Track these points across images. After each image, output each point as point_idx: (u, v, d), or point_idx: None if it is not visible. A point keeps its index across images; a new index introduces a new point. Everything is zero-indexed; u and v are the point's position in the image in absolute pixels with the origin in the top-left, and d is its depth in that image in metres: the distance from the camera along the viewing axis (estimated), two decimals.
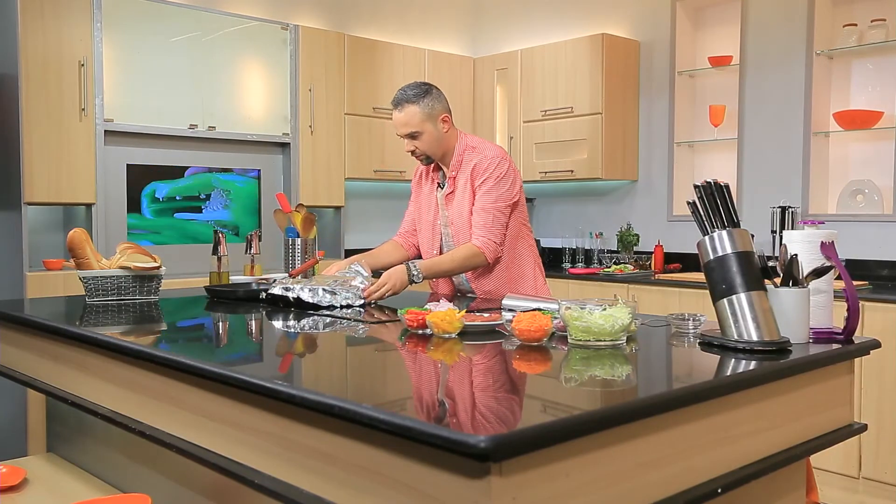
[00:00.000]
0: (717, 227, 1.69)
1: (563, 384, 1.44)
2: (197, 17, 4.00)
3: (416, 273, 2.50)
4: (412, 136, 2.60)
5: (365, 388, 1.48)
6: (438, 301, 2.05)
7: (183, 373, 1.60)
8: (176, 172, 4.01)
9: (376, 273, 2.62)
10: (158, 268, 2.61)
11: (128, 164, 3.85)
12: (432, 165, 2.72)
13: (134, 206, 3.88)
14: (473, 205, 2.59)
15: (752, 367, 1.49)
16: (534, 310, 1.82)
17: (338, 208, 4.61)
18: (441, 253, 2.71)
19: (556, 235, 5.01)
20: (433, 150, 2.63)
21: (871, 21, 3.79)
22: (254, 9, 4.45)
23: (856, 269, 3.77)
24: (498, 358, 1.68)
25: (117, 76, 3.75)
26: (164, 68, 3.89)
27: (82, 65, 3.62)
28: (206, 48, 4.03)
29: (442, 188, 2.70)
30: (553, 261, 5.03)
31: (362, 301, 2.38)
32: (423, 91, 2.62)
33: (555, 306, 1.89)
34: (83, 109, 3.64)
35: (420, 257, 2.84)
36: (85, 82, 3.63)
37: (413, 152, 2.64)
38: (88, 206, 3.71)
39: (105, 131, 3.72)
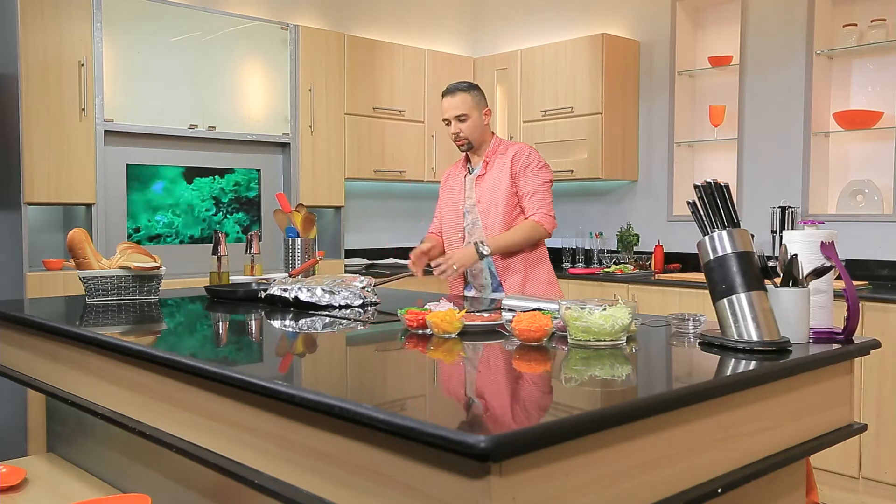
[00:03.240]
0: (717, 227, 1.69)
1: (563, 384, 1.44)
2: (197, 17, 4.00)
3: (483, 249, 2.81)
4: (460, 120, 2.91)
5: (365, 388, 1.48)
6: (438, 301, 2.05)
7: (183, 373, 1.60)
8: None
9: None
10: (158, 268, 2.61)
11: (128, 164, 3.85)
12: (462, 159, 3.05)
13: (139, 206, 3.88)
14: (516, 190, 2.88)
15: (752, 367, 1.49)
16: (534, 310, 1.82)
17: (338, 208, 4.61)
18: (464, 235, 2.97)
19: (556, 235, 5.00)
20: (474, 137, 2.94)
21: (871, 21, 3.79)
22: (254, 9, 4.45)
23: (856, 269, 3.77)
24: (498, 358, 1.68)
25: (117, 76, 3.75)
26: (164, 68, 3.89)
27: (82, 65, 3.62)
28: (206, 48, 4.03)
29: (471, 174, 3.00)
30: (553, 261, 5.02)
31: (361, 301, 2.38)
32: (473, 85, 2.99)
33: (555, 306, 1.89)
34: (83, 109, 3.64)
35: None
36: (85, 82, 3.63)
37: (457, 134, 2.94)
38: (88, 206, 3.71)
39: (105, 131, 3.72)
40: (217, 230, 3.00)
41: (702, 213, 1.72)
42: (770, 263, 1.72)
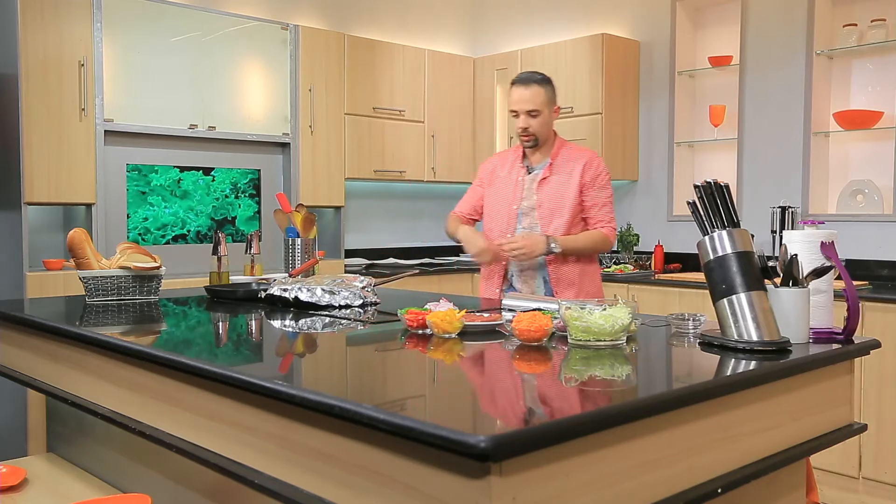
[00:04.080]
0: (717, 227, 1.69)
1: (563, 384, 1.44)
2: (197, 18, 4.00)
3: (554, 245, 2.69)
4: (531, 115, 2.74)
5: (365, 388, 1.48)
6: (442, 301, 2.05)
7: (183, 373, 1.60)
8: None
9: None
10: (158, 268, 2.61)
11: (128, 164, 3.85)
12: (513, 152, 2.89)
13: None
14: (582, 200, 2.76)
15: (752, 367, 1.49)
16: (534, 310, 1.83)
17: (338, 208, 4.61)
18: (514, 236, 2.79)
19: None
20: (542, 134, 2.77)
21: (871, 21, 3.79)
22: (254, 9, 4.45)
23: (856, 269, 3.77)
24: (498, 358, 1.68)
25: (117, 76, 3.75)
26: (164, 68, 3.89)
27: (82, 65, 3.62)
28: (206, 48, 4.03)
29: (531, 173, 2.82)
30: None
31: (361, 301, 2.38)
32: (548, 79, 2.79)
33: (554, 306, 1.90)
34: (83, 109, 3.64)
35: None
36: (85, 82, 3.63)
37: (525, 130, 2.75)
38: (88, 206, 3.71)
39: (105, 131, 3.72)
40: (217, 230, 3.00)
41: (702, 213, 1.72)
42: (770, 263, 1.72)
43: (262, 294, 2.50)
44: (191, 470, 1.86)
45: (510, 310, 2.03)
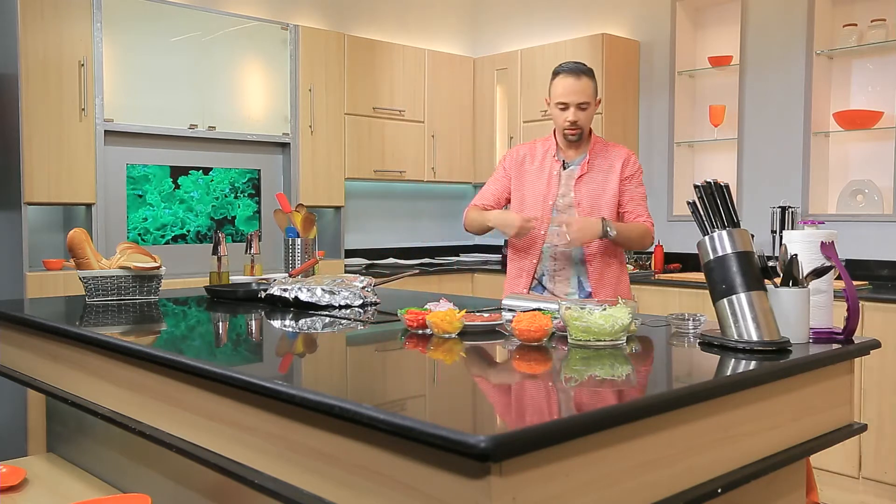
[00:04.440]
0: (717, 227, 1.69)
1: (563, 384, 1.44)
2: (197, 18, 4.00)
3: (611, 230, 2.55)
4: (581, 108, 2.61)
5: (365, 388, 1.48)
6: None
7: (183, 373, 1.60)
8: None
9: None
10: (158, 268, 2.61)
11: (128, 164, 3.85)
12: (543, 143, 2.75)
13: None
14: (621, 196, 2.66)
15: (752, 368, 1.49)
16: (534, 310, 1.83)
17: (338, 208, 4.61)
18: (548, 232, 2.66)
19: None
20: (586, 127, 2.66)
21: (871, 21, 3.79)
22: (254, 9, 4.45)
23: (856, 269, 3.77)
24: (498, 358, 1.68)
25: (117, 76, 3.75)
26: (164, 68, 3.89)
27: (82, 65, 3.62)
28: (206, 48, 4.03)
29: (567, 168, 2.69)
30: None
31: (361, 301, 2.38)
32: (593, 70, 2.67)
33: (555, 306, 1.90)
34: (83, 109, 3.64)
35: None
36: (85, 82, 3.63)
37: (574, 123, 2.61)
38: (88, 206, 3.71)
39: (105, 131, 3.72)
40: (217, 230, 3.00)
41: (702, 213, 1.72)
42: (770, 263, 1.72)
43: (262, 294, 2.50)
44: (191, 470, 1.86)
45: (510, 310, 2.02)
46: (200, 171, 4.11)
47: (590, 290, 2.66)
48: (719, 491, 1.37)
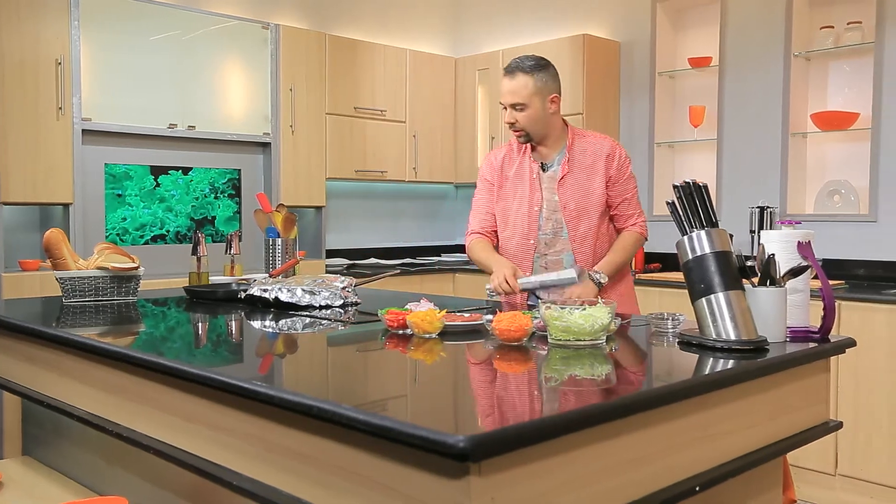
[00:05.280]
0: (696, 227, 1.70)
1: (544, 384, 1.45)
2: (177, 16, 3.97)
3: (599, 280, 2.45)
4: (517, 108, 2.45)
5: (345, 388, 1.48)
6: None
7: (161, 374, 1.58)
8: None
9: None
10: (137, 268, 2.59)
11: (106, 164, 3.82)
12: (525, 147, 2.58)
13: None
14: (608, 194, 2.51)
15: (729, 367, 1.50)
16: (552, 281, 2.00)
17: (319, 208, 4.60)
18: (545, 243, 2.55)
19: None
20: (534, 129, 2.48)
21: (848, 23, 3.83)
22: (234, 8, 4.42)
23: (833, 268, 3.81)
24: (478, 358, 1.69)
25: (95, 75, 3.71)
26: (143, 67, 3.86)
27: (59, 63, 3.58)
28: (186, 47, 4.00)
29: (546, 171, 2.55)
30: None
31: (342, 301, 2.38)
32: (541, 65, 2.47)
33: (572, 273, 2.00)
34: (60, 108, 3.60)
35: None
36: (62, 81, 3.59)
37: (512, 125, 2.48)
38: (66, 205, 3.67)
39: (83, 130, 3.68)
40: (196, 230, 2.98)
41: (680, 213, 1.73)
42: (748, 263, 1.74)
43: (242, 294, 2.49)
44: (168, 472, 1.84)
45: (530, 290, 2.08)
46: (180, 170, 4.08)
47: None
48: (697, 489, 1.38)
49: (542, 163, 2.58)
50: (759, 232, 3.87)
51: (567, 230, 2.52)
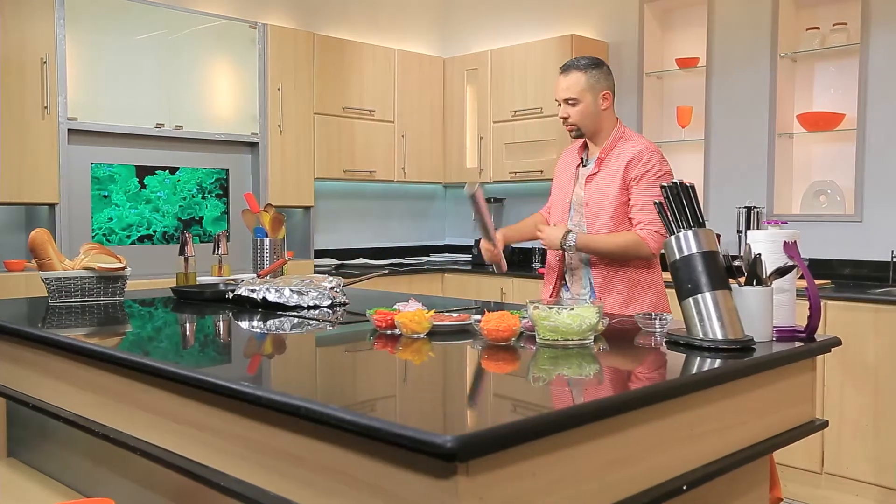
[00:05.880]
0: (683, 227, 1.71)
1: (531, 383, 1.45)
2: (164, 15, 3.94)
3: (571, 242, 2.50)
4: (569, 103, 2.55)
5: (333, 389, 1.47)
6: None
7: (148, 375, 1.57)
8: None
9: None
10: (123, 268, 2.57)
11: (92, 164, 3.79)
12: (580, 143, 2.67)
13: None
14: (626, 200, 2.51)
15: (716, 366, 1.51)
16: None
17: (307, 208, 4.59)
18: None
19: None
20: (585, 124, 2.57)
21: (833, 25, 3.86)
22: (222, 7, 4.40)
23: (819, 268, 3.84)
24: (466, 358, 1.69)
25: (81, 74, 3.69)
26: (130, 66, 3.83)
27: (45, 62, 3.56)
28: (174, 46, 3.98)
29: (585, 166, 2.63)
30: (523, 261, 5.05)
31: (330, 301, 2.37)
32: (594, 63, 2.58)
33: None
34: (46, 107, 3.57)
35: None
36: (47, 80, 3.56)
37: (566, 120, 2.58)
38: (51, 205, 3.65)
39: (69, 130, 3.65)
40: (184, 230, 2.97)
41: (668, 213, 1.73)
42: (735, 263, 1.75)
43: (230, 295, 2.48)
44: (155, 473, 1.83)
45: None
46: (167, 170, 4.05)
47: (596, 295, 2.56)
48: (684, 488, 1.38)
49: (582, 158, 2.65)
50: (745, 232, 3.89)
51: (586, 226, 2.57)
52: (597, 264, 2.55)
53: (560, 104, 2.58)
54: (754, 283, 1.71)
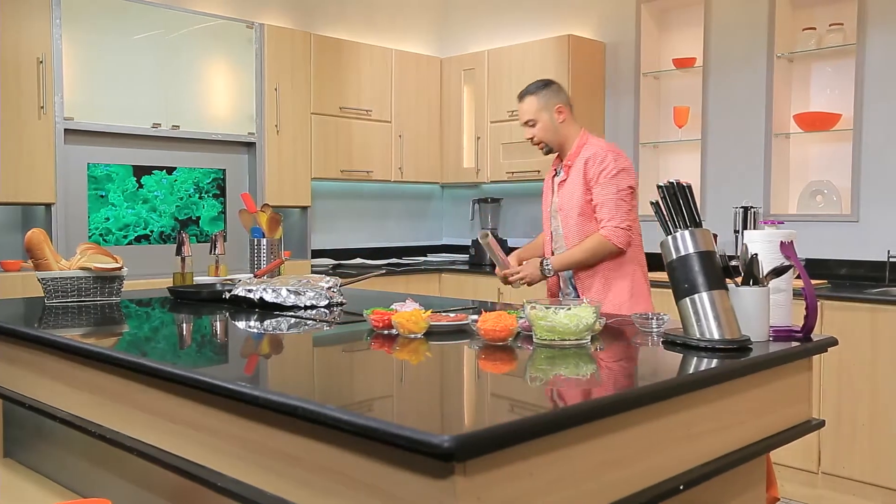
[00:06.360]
0: (680, 227, 1.71)
1: (528, 383, 1.45)
2: (161, 15, 3.94)
3: (548, 267, 2.72)
4: (529, 125, 2.79)
5: (330, 389, 1.47)
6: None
7: (145, 375, 1.57)
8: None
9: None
10: (120, 268, 2.57)
11: (88, 164, 3.79)
12: (556, 156, 2.87)
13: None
14: (590, 199, 2.69)
15: (713, 366, 1.51)
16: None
17: (304, 208, 4.58)
18: (553, 238, 2.85)
19: (523, 235, 5.03)
20: (549, 139, 2.78)
21: (830, 25, 3.86)
22: (219, 7, 4.40)
23: (815, 268, 3.84)
24: (463, 358, 1.69)
25: (77, 73, 3.68)
26: (127, 66, 3.83)
27: (41, 62, 3.55)
28: (170, 46, 3.97)
29: (558, 175, 2.84)
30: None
31: (327, 301, 2.37)
32: (543, 84, 2.81)
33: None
34: (42, 107, 3.56)
35: None
36: (44, 79, 3.56)
37: (532, 140, 2.81)
38: (48, 205, 3.64)
39: (65, 129, 3.65)
40: (181, 230, 2.96)
41: (664, 213, 1.74)
42: (732, 263, 1.75)
43: (227, 295, 2.47)
44: (152, 473, 1.83)
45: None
46: (164, 170, 4.05)
47: (578, 293, 2.77)
48: (681, 488, 1.39)
49: (556, 169, 2.86)
50: (742, 232, 3.90)
51: (562, 230, 2.78)
52: (576, 273, 2.76)
53: (523, 127, 2.83)
54: (751, 283, 1.71)
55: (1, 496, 2.20)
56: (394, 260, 5.12)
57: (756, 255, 1.73)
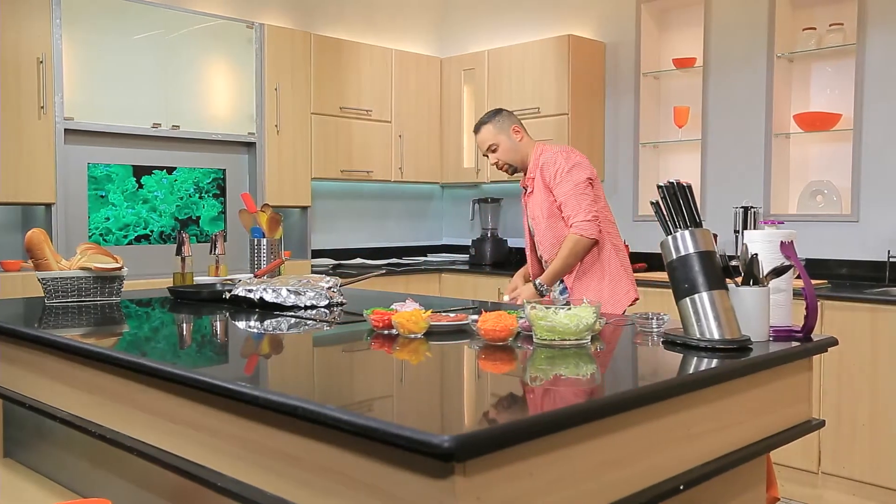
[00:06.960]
0: (680, 227, 1.71)
1: (528, 383, 1.45)
2: (161, 15, 3.94)
3: (541, 288, 2.86)
4: (492, 150, 2.96)
5: (330, 389, 1.47)
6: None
7: (145, 375, 1.57)
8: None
9: None
10: (120, 268, 2.57)
11: (89, 163, 3.79)
12: (524, 175, 3.02)
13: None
14: (553, 200, 2.84)
15: (713, 366, 1.51)
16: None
17: (304, 208, 4.58)
18: (533, 248, 3.03)
19: (518, 235, 5.03)
20: (511, 159, 2.96)
21: (830, 25, 3.86)
22: (219, 7, 4.40)
23: (815, 268, 3.84)
24: (463, 358, 1.69)
25: (78, 73, 3.68)
26: (127, 66, 3.83)
27: (41, 62, 3.55)
28: (171, 46, 3.97)
29: (526, 192, 3.00)
30: (521, 260, 5.04)
31: (327, 301, 2.37)
32: (494, 113, 3.01)
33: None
34: (42, 107, 3.56)
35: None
36: (44, 79, 3.56)
37: (497, 164, 2.99)
38: (48, 205, 3.64)
39: (65, 129, 3.65)
40: (181, 230, 2.96)
41: (665, 213, 1.74)
42: (732, 263, 1.75)
43: (227, 295, 2.48)
44: (152, 473, 1.83)
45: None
46: (164, 170, 4.05)
47: (565, 285, 2.90)
48: (681, 488, 1.39)
49: (525, 187, 3.00)
50: (742, 232, 3.90)
51: (538, 237, 2.96)
52: (546, 260, 2.92)
53: (487, 156, 3.00)
54: (751, 283, 1.71)
55: (1, 496, 2.20)
56: (394, 260, 5.12)
57: (756, 255, 1.73)
